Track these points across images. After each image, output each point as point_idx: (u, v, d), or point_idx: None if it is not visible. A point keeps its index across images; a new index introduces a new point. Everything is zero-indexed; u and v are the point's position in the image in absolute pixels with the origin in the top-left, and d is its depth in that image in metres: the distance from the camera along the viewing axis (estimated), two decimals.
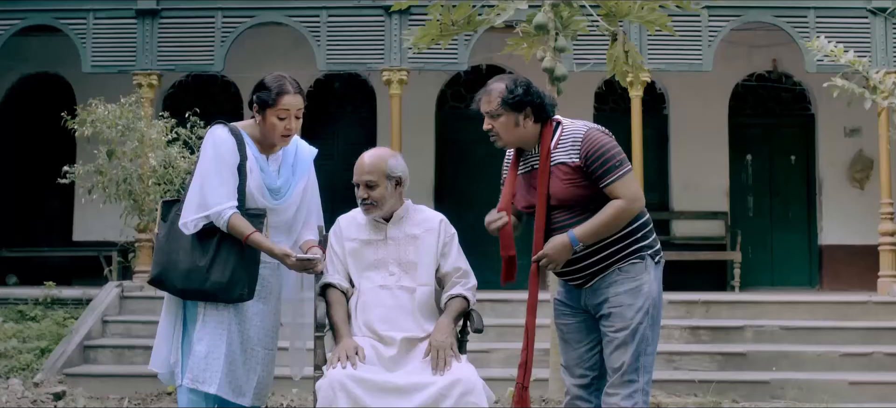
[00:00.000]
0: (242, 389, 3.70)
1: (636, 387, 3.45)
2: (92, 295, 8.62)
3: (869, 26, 9.54)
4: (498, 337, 7.75)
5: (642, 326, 3.45)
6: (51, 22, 9.99)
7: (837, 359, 7.57)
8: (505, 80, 3.54)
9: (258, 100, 3.74)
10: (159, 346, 3.76)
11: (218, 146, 3.67)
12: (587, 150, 3.42)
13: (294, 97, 3.74)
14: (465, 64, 9.83)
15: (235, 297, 3.61)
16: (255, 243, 3.61)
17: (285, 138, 3.78)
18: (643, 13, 5.91)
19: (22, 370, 7.42)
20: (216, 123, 3.78)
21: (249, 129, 3.79)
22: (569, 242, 3.40)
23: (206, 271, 3.58)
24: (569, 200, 3.45)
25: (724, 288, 11.18)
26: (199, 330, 3.64)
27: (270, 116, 3.71)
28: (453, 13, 5.79)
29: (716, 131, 11.91)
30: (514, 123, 3.50)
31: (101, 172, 8.32)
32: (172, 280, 3.63)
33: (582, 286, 3.56)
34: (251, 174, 3.69)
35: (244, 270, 3.62)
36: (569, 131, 3.49)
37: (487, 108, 3.53)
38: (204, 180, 3.63)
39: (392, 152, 3.98)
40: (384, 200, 3.84)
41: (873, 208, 10.23)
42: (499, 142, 3.57)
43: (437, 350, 3.62)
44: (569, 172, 3.44)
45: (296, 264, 3.67)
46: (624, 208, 3.39)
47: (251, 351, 3.73)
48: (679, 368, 7.53)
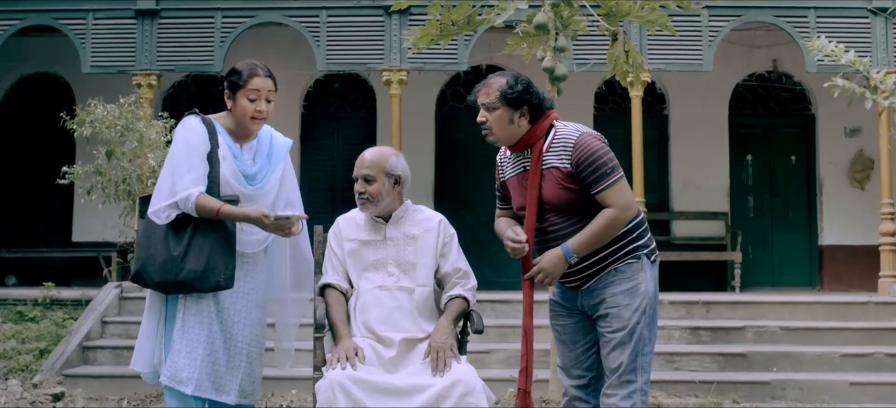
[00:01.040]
0: (225, 387, 3.66)
1: (635, 387, 3.43)
2: (91, 296, 8.61)
3: (869, 26, 9.53)
4: (498, 338, 7.74)
5: (639, 326, 3.43)
6: (50, 22, 9.98)
7: (838, 359, 7.55)
8: (506, 76, 3.53)
9: (229, 84, 3.75)
10: (142, 344, 3.74)
11: (187, 134, 3.66)
12: (578, 156, 3.39)
13: (264, 79, 3.74)
14: (465, 64, 9.81)
15: (212, 285, 3.57)
16: (228, 215, 3.59)
17: (256, 122, 3.76)
18: (643, 13, 5.89)
19: (21, 371, 7.40)
20: (188, 113, 3.78)
21: (223, 120, 3.79)
22: (563, 255, 3.39)
23: (181, 260, 3.55)
24: (561, 204, 3.43)
25: (724, 288, 11.16)
26: (178, 328, 3.62)
27: (241, 98, 3.72)
28: (453, 13, 5.77)
29: (716, 131, 11.91)
30: (508, 119, 3.48)
31: (101, 173, 8.30)
32: (151, 274, 3.60)
33: (578, 288, 3.54)
34: (224, 161, 3.68)
35: (220, 257, 3.58)
36: (561, 135, 3.46)
37: (485, 100, 3.51)
38: (173, 169, 3.62)
39: (394, 151, 3.97)
40: (381, 196, 3.83)
41: (874, 208, 10.22)
42: (490, 136, 3.54)
43: (437, 351, 3.61)
44: (560, 177, 3.42)
45: (274, 224, 3.60)
46: (615, 217, 3.37)
47: (235, 348, 3.69)
48: (679, 368, 7.52)
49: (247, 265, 3.75)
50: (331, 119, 12.20)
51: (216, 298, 3.66)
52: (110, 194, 8.30)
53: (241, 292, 3.72)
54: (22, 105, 12.31)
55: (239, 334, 3.72)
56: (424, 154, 11.78)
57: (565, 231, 3.44)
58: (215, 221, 3.60)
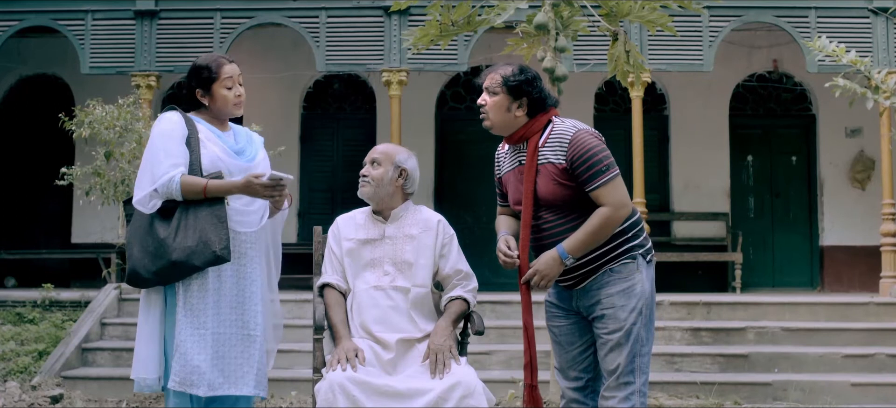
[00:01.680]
0: (241, 378, 3.56)
1: (633, 388, 3.40)
2: (90, 297, 8.59)
3: (870, 26, 9.51)
4: (498, 339, 7.72)
5: (636, 326, 3.40)
6: (49, 23, 9.96)
7: (839, 360, 7.53)
8: (514, 65, 3.53)
9: (201, 81, 3.70)
10: (142, 350, 3.59)
11: (162, 126, 3.62)
12: (574, 152, 3.36)
13: (232, 66, 3.74)
14: (465, 65, 9.79)
15: (210, 258, 3.47)
16: (216, 189, 3.52)
17: (237, 106, 3.75)
18: (644, 13, 5.87)
19: (19, 373, 7.38)
20: (163, 110, 3.75)
21: (196, 114, 3.75)
22: (559, 256, 3.36)
23: (173, 240, 3.47)
24: (556, 200, 3.40)
25: (724, 289, 11.14)
26: (182, 326, 3.50)
27: (218, 89, 3.70)
28: (453, 13, 5.75)
29: (716, 132, 11.89)
30: (506, 107, 3.47)
31: (99, 174, 8.27)
32: (145, 267, 3.50)
33: (573, 288, 3.51)
34: (210, 142, 3.64)
35: (212, 230, 3.48)
36: (558, 131, 3.44)
37: (488, 83, 3.52)
38: (152, 157, 3.56)
39: (409, 152, 3.97)
40: (382, 182, 3.83)
41: (875, 209, 10.20)
42: (486, 121, 3.53)
43: (436, 354, 3.59)
44: (555, 173, 3.39)
45: (265, 185, 3.52)
46: (609, 216, 3.34)
47: (248, 337, 3.60)
48: (680, 369, 7.50)
49: (252, 249, 3.68)
50: (330, 120, 12.18)
51: (220, 285, 3.56)
52: (109, 195, 8.27)
53: (248, 279, 3.64)
54: (21, 106, 12.29)
55: (251, 322, 3.62)
56: (424, 155, 11.72)
57: (560, 228, 3.41)
58: (202, 200, 3.52)
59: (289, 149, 10.18)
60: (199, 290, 3.54)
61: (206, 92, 3.71)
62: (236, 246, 3.63)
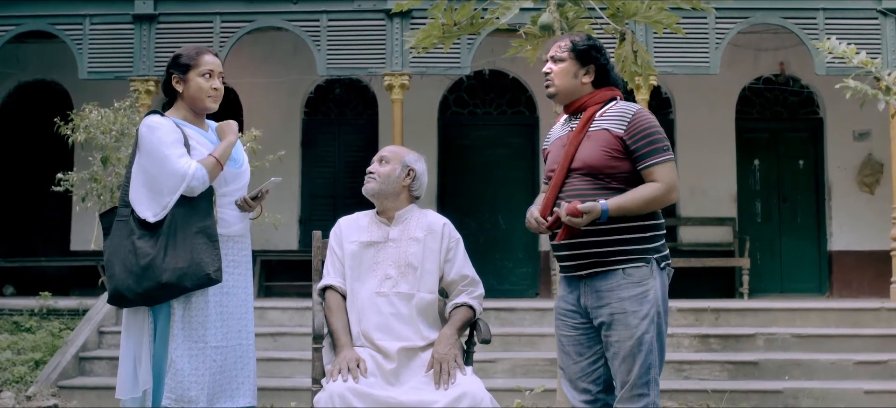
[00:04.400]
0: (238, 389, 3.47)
1: (647, 401, 3.26)
2: (88, 305, 8.48)
3: (879, 27, 9.38)
4: (503, 346, 7.58)
5: (648, 335, 3.26)
6: (46, 27, 9.84)
7: (851, 367, 7.39)
8: (583, 34, 3.52)
9: (179, 67, 3.59)
10: (125, 371, 3.41)
11: (156, 129, 3.46)
12: (636, 125, 3.31)
13: (213, 58, 3.65)
14: (468, 68, 9.67)
15: (202, 279, 3.32)
16: (223, 154, 3.51)
17: (213, 100, 3.62)
18: (651, 13, 5.74)
19: (15, 383, 7.25)
20: (146, 115, 3.61)
21: (176, 113, 3.63)
22: (600, 209, 3.21)
23: (162, 260, 3.30)
24: (594, 166, 3.30)
25: (732, 295, 11.01)
26: (175, 341, 3.35)
27: (194, 77, 3.58)
28: (455, 14, 5.63)
29: (723, 136, 11.75)
30: (573, 73, 3.45)
31: (96, 180, 8.14)
32: (130, 287, 3.31)
33: (579, 275, 3.37)
34: (201, 146, 3.52)
35: (205, 249, 3.35)
36: (621, 106, 3.41)
37: (553, 51, 3.49)
38: (159, 162, 3.39)
39: (420, 155, 3.91)
40: (388, 180, 3.74)
41: (884, 213, 10.07)
42: (550, 88, 3.48)
43: (440, 363, 3.45)
44: (609, 140, 3.31)
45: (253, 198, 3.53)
46: (660, 192, 3.27)
47: (241, 345, 3.50)
48: (689, 377, 7.36)
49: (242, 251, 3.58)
50: (332, 125, 12.06)
51: (222, 298, 3.44)
52: (106, 201, 8.15)
53: (241, 285, 3.54)
54: (20, 112, 12.19)
55: (244, 330, 3.52)
56: (427, 160, 11.60)
57: (586, 196, 3.27)
58: (189, 214, 3.38)
59: (290, 154, 10.04)
60: (201, 306, 3.40)
61: (182, 77, 3.59)
62: (232, 256, 3.52)
